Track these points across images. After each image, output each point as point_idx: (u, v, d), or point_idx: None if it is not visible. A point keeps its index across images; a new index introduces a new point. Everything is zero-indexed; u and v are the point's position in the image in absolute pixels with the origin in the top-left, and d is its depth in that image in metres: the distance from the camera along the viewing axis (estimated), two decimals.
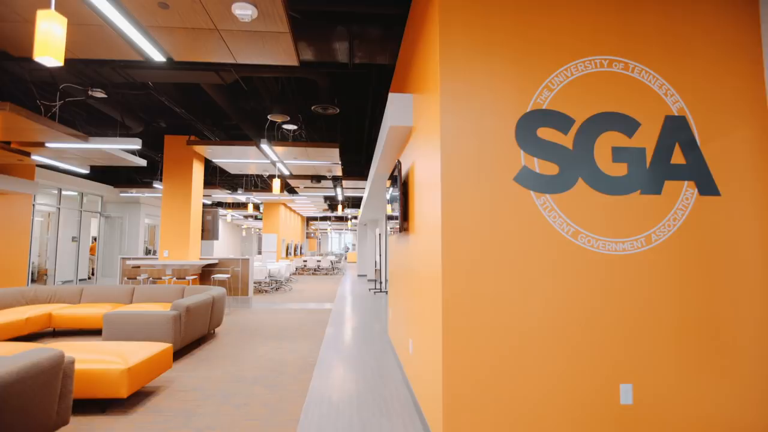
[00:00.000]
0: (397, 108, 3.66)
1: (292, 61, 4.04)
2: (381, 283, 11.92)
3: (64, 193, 11.43)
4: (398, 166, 3.82)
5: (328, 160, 8.27)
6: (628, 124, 2.61)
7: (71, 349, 3.46)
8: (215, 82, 5.64)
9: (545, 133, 2.56)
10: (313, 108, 6.36)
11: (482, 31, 2.59)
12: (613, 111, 2.61)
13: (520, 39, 2.61)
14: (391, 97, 3.67)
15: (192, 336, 4.90)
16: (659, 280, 2.53)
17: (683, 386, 2.48)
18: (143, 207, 13.58)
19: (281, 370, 4.33)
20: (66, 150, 6.10)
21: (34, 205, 10.39)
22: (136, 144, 5.48)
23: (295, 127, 6.32)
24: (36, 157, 6.37)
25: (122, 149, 7.30)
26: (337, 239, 41.11)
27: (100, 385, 3.11)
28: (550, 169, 2.54)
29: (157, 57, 3.85)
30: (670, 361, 2.49)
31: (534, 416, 2.40)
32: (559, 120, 2.57)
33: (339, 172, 9.64)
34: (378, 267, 12.31)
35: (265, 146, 7.03)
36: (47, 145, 5.44)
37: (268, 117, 5.66)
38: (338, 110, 6.41)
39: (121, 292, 6.45)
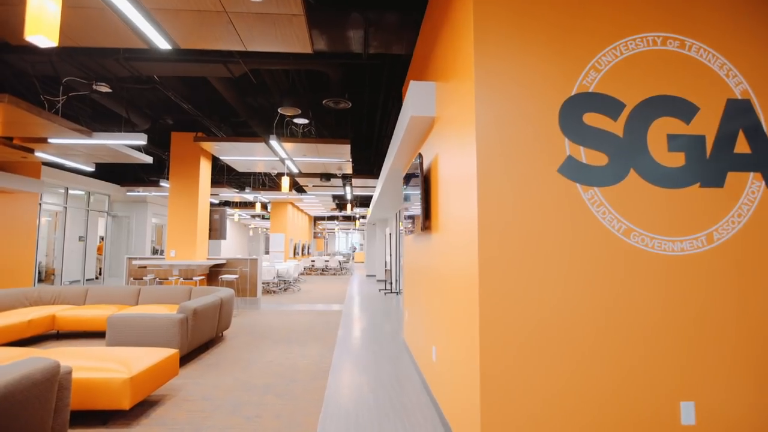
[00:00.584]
0: (418, 97, 3.40)
1: (305, 47, 3.79)
2: (391, 283, 11.66)
3: (70, 192, 11.30)
4: (419, 159, 3.55)
5: (338, 157, 8.03)
6: (685, 109, 2.32)
7: (71, 355, 3.24)
8: (223, 75, 5.42)
9: (592, 119, 2.29)
10: (324, 102, 6.12)
11: (520, 6, 2.32)
12: (668, 94, 2.33)
13: (563, 15, 2.34)
14: (413, 85, 3.41)
15: (199, 340, 4.68)
16: (722, 283, 2.24)
17: (752, 405, 2.20)
18: (150, 206, 13.43)
19: (293, 377, 4.08)
20: (70, 147, 5.91)
21: (40, 204, 10.27)
22: (141, 139, 5.27)
23: (306, 121, 6.07)
24: (40, 154, 6.19)
25: (127, 145, 7.11)
26: (344, 239, 40.92)
27: (101, 396, 2.88)
28: (599, 159, 2.27)
29: (162, 44, 3.63)
30: (735, 376, 2.20)
31: None
32: (607, 104, 2.30)
33: (349, 170, 9.40)
34: (388, 267, 12.05)
35: (274, 142, 6.80)
36: (50, 140, 5.25)
37: (279, 110, 5.42)
38: (350, 104, 6.17)
39: (126, 293, 6.25)
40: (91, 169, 7.40)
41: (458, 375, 2.60)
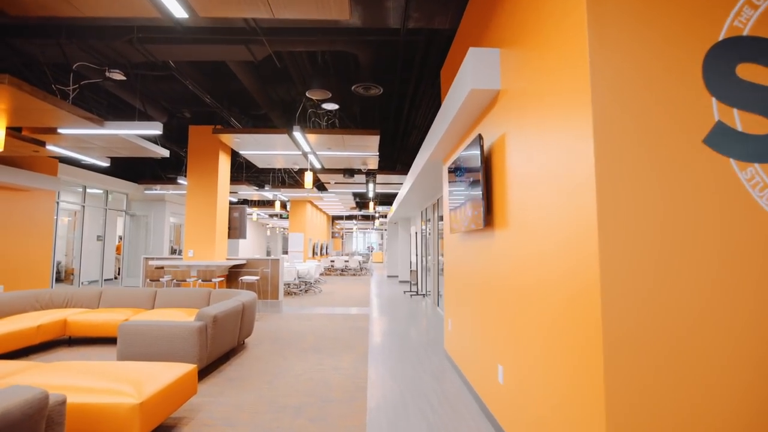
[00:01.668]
0: (479, 66, 2.83)
1: (342, 12, 3.25)
2: (417, 285, 11.08)
3: (88, 191, 11.05)
4: (479, 142, 2.98)
5: (365, 150, 7.49)
6: None
7: (72, 372, 2.76)
8: (244, 59, 4.94)
9: (749, 72, 1.69)
10: (353, 88, 5.59)
11: None
12: None
13: None
14: (472, 53, 2.84)
15: (220, 350, 4.19)
16: None
17: None
18: (168, 205, 13.15)
19: (327, 396, 3.55)
20: (83, 139, 5.51)
21: (58, 202, 10.02)
22: (156, 128, 4.82)
23: (335, 106, 5.55)
24: (52, 148, 5.82)
25: (142, 135, 6.71)
26: (362, 239, 40.47)
27: (105, 426, 2.39)
28: (759, 125, 1.67)
29: (179, 12, 3.14)
30: None
31: None
32: None
33: (374, 165, 8.86)
34: (414, 268, 11.48)
35: (297, 134, 6.30)
36: (60, 131, 4.84)
37: (307, 94, 4.91)
38: (381, 90, 5.62)
39: (142, 296, 5.83)
40: (105, 164, 7.02)
41: (553, 407, 2.02)
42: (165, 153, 6.35)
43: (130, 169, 11.60)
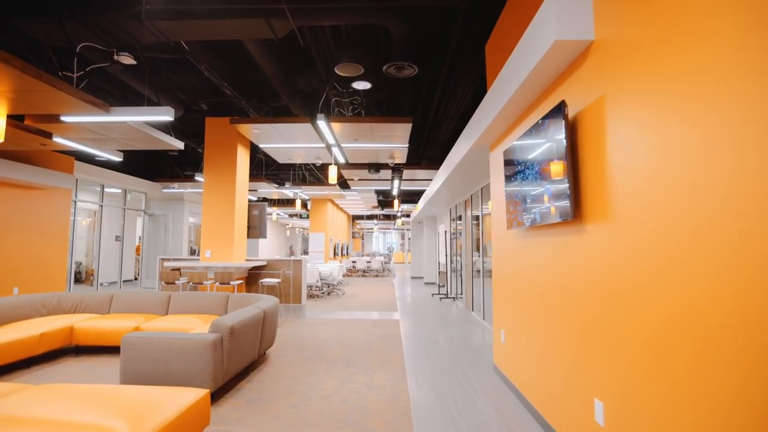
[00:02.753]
0: (565, 11, 2.17)
1: None
2: (447, 287, 10.41)
3: (107, 190, 10.77)
4: (562, 111, 2.32)
5: (394, 141, 6.88)
6: None
7: (59, 400, 2.23)
8: (264, 36, 4.38)
9: None
10: (385, 68, 4.97)
11: None
12: None
13: None
14: None
15: (237, 366, 3.63)
16: None
17: None
18: (187, 204, 12.81)
19: (365, 425, 2.94)
20: (90, 129, 5.06)
21: (75, 201, 9.74)
22: (167, 114, 4.32)
23: (368, 85, 4.94)
24: (59, 140, 5.39)
25: (152, 123, 6.25)
26: (381, 239, 39.88)
27: None
28: None
29: None
30: None
31: None
32: None
33: (402, 159, 8.24)
34: (444, 269, 10.80)
35: (321, 122, 5.73)
36: (63, 118, 4.38)
37: (336, 70, 4.32)
38: (416, 69, 4.99)
39: (155, 300, 5.34)
40: (118, 159, 6.60)
41: None
42: (180, 145, 5.87)
43: (147, 166, 11.28)
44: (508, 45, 3.68)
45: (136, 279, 12.47)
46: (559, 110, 2.35)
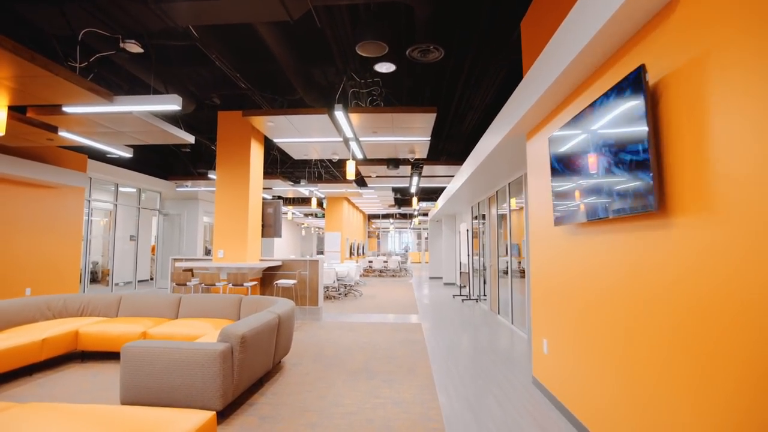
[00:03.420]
0: None
1: None
2: (469, 288, 9.95)
3: (121, 189, 10.62)
4: (637, 80, 1.88)
5: (414, 134, 6.48)
6: None
7: (43, 424, 1.89)
8: (277, 18, 4.01)
9: None
10: (408, 52, 4.56)
11: None
12: None
13: None
14: None
15: (249, 378, 3.27)
16: None
17: None
18: (201, 203, 12.62)
19: None
20: (96, 121, 4.78)
21: (89, 200, 9.59)
22: (174, 103, 3.99)
23: (392, 67, 4.52)
24: (65, 134, 5.13)
25: (159, 114, 5.96)
26: (397, 238, 39.45)
27: None
28: None
29: None
30: None
31: None
32: None
33: (423, 153, 7.82)
34: (466, 270, 10.34)
35: (339, 114, 5.36)
36: (65, 109, 4.09)
37: (357, 50, 3.93)
38: (442, 53, 4.57)
39: (165, 303, 5.04)
40: (128, 155, 6.35)
41: None
42: (190, 139, 5.56)
43: (161, 165, 11.10)
44: (551, 18, 3.23)
45: (151, 279, 12.33)
46: (635, 78, 1.91)
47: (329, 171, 11.99)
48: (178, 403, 2.84)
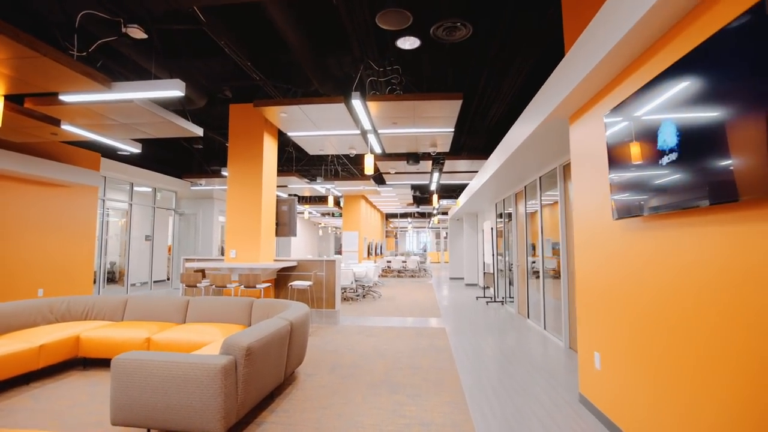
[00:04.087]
0: None
1: None
2: (493, 290, 9.43)
3: (136, 189, 10.47)
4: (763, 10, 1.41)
5: (437, 125, 6.02)
6: None
7: None
8: None
9: None
10: (433, 30, 4.12)
11: None
12: None
13: None
14: None
15: (257, 394, 2.89)
16: None
17: None
18: (216, 203, 12.41)
19: None
20: (97, 112, 4.49)
21: (103, 200, 9.45)
22: (177, 88, 3.65)
23: (417, 42, 4.06)
24: (68, 128, 4.87)
25: (160, 101, 5.65)
26: (415, 238, 38.92)
27: None
28: None
29: None
30: None
31: None
32: None
33: (446, 147, 7.35)
34: (491, 270, 9.82)
35: (356, 102, 4.95)
36: (61, 97, 3.80)
37: (377, 22, 3.51)
38: (470, 30, 4.12)
39: (172, 307, 4.73)
40: (136, 150, 6.08)
41: None
42: (199, 131, 5.24)
43: (176, 163, 10.92)
44: None
45: (168, 279, 12.19)
46: (759, 10, 1.43)
47: (346, 168, 11.63)
48: (175, 424, 2.47)
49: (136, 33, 4.34)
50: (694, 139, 1.77)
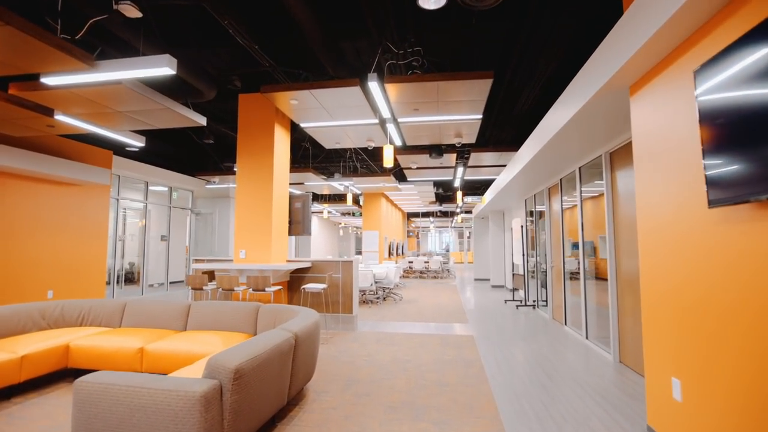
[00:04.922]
0: None
1: None
2: (524, 292, 8.74)
3: (152, 188, 10.23)
4: None
5: (463, 111, 5.44)
6: None
7: None
8: None
9: None
10: None
11: None
12: None
13: None
14: None
15: (251, 425, 2.38)
16: None
17: None
18: (232, 202, 12.10)
19: None
20: (90, 99, 4.10)
21: (117, 200, 9.22)
22: (167, 65, 3.19)
23: (442, 1, 3.47)
24: (62, 118, 4.51)
25: (149, 81, 5.24)
26: (437, 237, 38.16)
27: None
28: None
29: None
30: None
31: None
32: None
33: (472, 138, 6.75)
34: (522, 271, 9.13)
35: (374, 84, 4.43)
36: (42, 80, 3.40)
37: None
38: None
39: (173, 312, 4.30)
40: (141, 144, 5.72)
41: None
42: (202, 120, 4.82)
43: (192, 164, 10.65)
44: None
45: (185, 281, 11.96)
46: None
47: (365, 164, 11.12)
48: None
49: (130, 11, 3.92)
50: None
